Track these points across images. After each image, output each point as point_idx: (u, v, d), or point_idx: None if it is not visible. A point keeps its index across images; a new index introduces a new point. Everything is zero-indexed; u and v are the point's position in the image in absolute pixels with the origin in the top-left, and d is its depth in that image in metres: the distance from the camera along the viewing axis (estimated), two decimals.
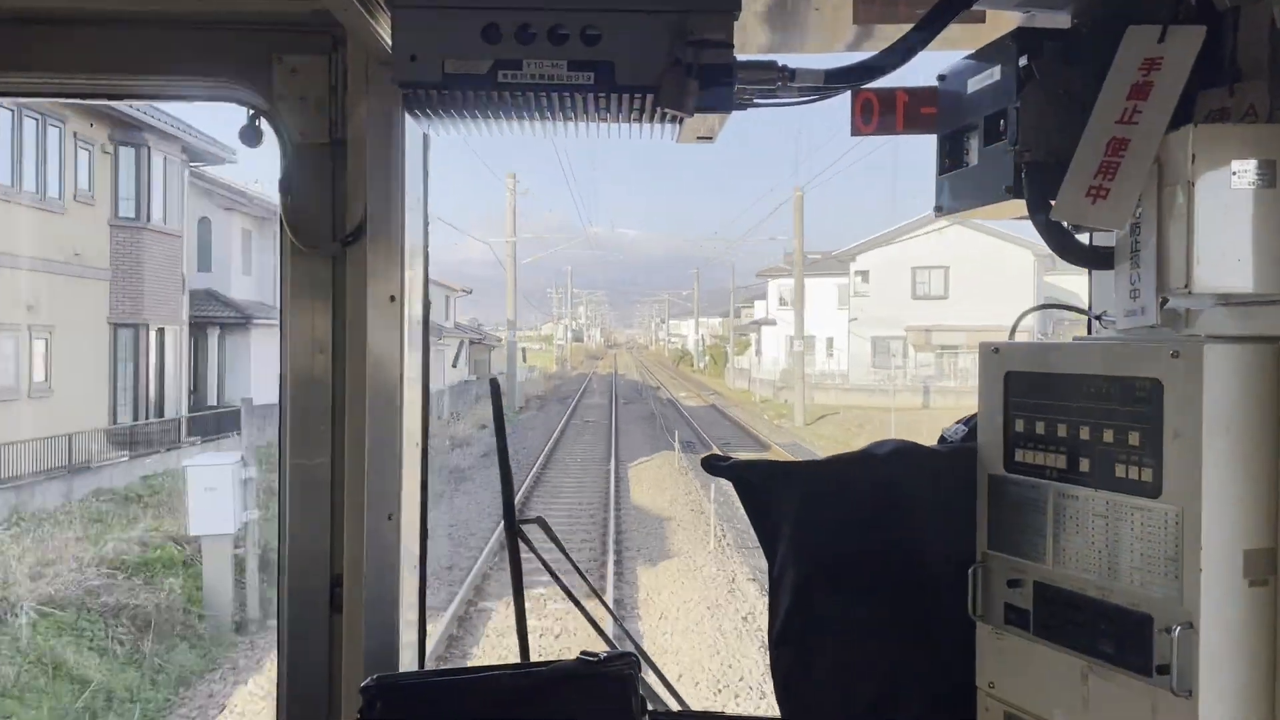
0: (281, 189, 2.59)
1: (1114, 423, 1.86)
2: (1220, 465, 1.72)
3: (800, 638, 2.26)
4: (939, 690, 2.24)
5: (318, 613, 2.60)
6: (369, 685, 2.21)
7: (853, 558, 2.24)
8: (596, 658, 2.25)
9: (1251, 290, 1.76)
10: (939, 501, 2.20)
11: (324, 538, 2.60)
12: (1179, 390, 1.74)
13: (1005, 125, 2.06)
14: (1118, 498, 1.85)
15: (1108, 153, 1.84)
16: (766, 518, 2.29)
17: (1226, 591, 1.73)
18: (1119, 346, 1.89)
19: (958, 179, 2.29)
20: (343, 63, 2.54)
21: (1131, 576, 1.83)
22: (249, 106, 2.61)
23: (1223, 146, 1.73)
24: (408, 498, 2.60)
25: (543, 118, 2.19)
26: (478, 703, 2.20)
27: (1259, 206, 1.73)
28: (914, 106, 2.39)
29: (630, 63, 2.06)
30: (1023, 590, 2.05)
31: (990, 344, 2.15)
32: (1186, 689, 1.72)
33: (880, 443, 2.29)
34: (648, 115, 2.17)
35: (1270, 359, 1.75)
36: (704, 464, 2.34)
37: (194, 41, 2.57)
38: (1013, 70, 2.04)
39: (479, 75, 2.06)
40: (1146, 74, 1.83)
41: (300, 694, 2.62)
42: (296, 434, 2.62)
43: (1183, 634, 1.72)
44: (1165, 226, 1.79)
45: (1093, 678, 1.90)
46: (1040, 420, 2.02)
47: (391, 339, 2.55)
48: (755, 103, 2.23)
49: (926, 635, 2.23)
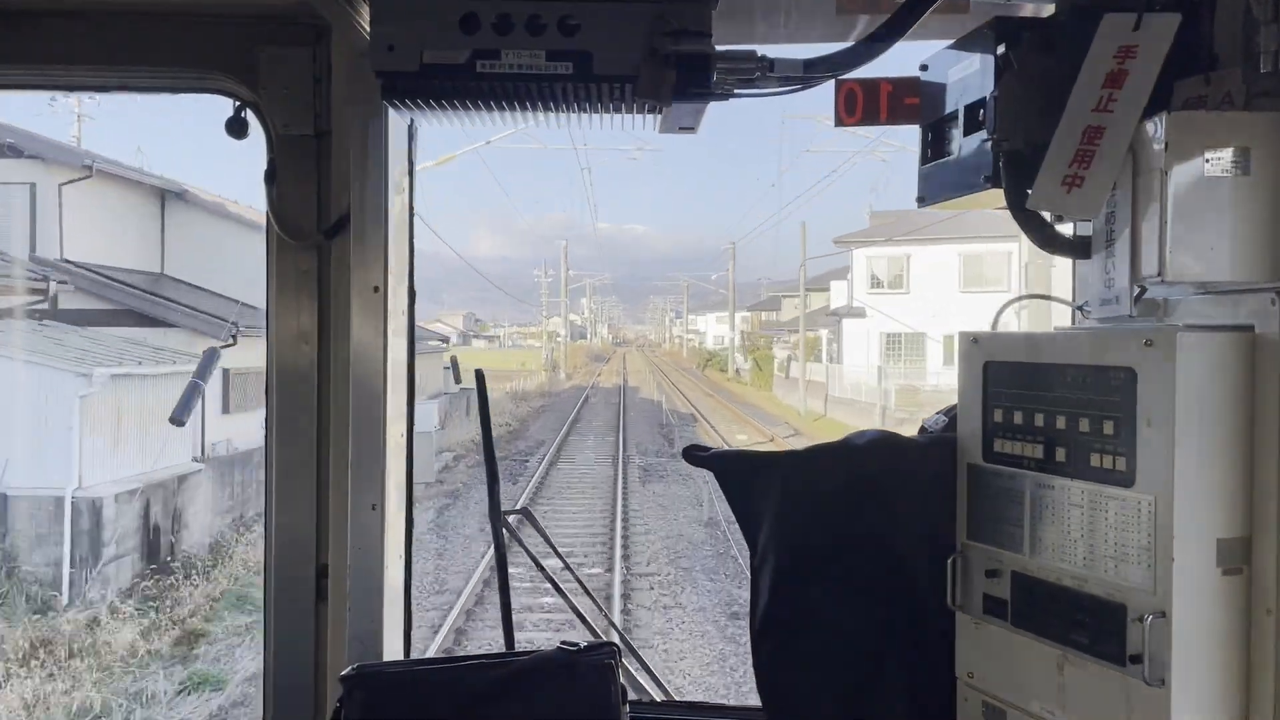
0: (266, 181, 2.60)
1: (1090, 412, 1.85)
2: (1194, 454, 1.71)
3: (781, 627, 2.26)
4: (918, 680, 2.23)
5: (304, 602, 2.62)
6: (349, 674, 2.22)
7: (833, 548, 2.24)
8: (576, 647, 2.25)
9: (1227, 278, 1.75)
10: (919, 492, 2.20)
11: (310, 528, 2.61)
12: (1153, 379, 1.73)
13: (984, 115, 2.06)
14: (1093, 487, 1.85)
15: (1083, 141, 1.83)
16: (747, 508, 2.30)
17: (1199, 581, 1.72)
18: (1094, 336, 1.88)
19: (939, 169, 2.28)
20: (326, 54, 2.55)
21: (1106, 566, 1.82)
22: (234, 98, 2.62)
23: (1196, 134, 1.72)
24: (392, 488, 2.61)
25: (522, 108, 2.19)
26: (457, 692, 2.21)
27: (1233, 194, 1.72)
28: (898, 97, 2.39)
29: (608, 53, 2.07)
30: (1001, 580, 2.05)
31: (970, 334, 2.15)
32: (1159, 678, 1.72)
33: (860, 433, 2.29)
34: (627, 105, 2.17)
35: (1245, 348, 1.74)
36: (685, 455, 2.35)
37: (179, 33, 2.58)
38: (991, 59, 2.04)
39: (457, 65, 2.07)
40: (1121, 62, 1.82)
41: (286, 683, 2.63)
42: (282, 425, 2.63)
43: (1155, 624, 1.71)
44: (1139, 215, 1.79)
45: (1068, 667, 1.90)
46: (1019, 410, 2.01)
47: (375, 330, 2.56)
48: (735, 93, 2.23)
49: (906, 625, 2.23)
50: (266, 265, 2.66)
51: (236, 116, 2.62)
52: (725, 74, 2.18)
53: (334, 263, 2.58)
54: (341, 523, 2.56)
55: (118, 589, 14.48)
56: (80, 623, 12.84)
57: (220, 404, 18.99)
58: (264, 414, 2.67)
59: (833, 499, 2.23)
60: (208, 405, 18.04)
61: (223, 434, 18.78)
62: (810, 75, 2.24)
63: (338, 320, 2.56)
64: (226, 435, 18.83)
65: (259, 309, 2.68)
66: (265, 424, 2.67)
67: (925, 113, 2.34)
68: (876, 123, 2.42)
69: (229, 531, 17.50)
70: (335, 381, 2.57)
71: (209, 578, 15.03)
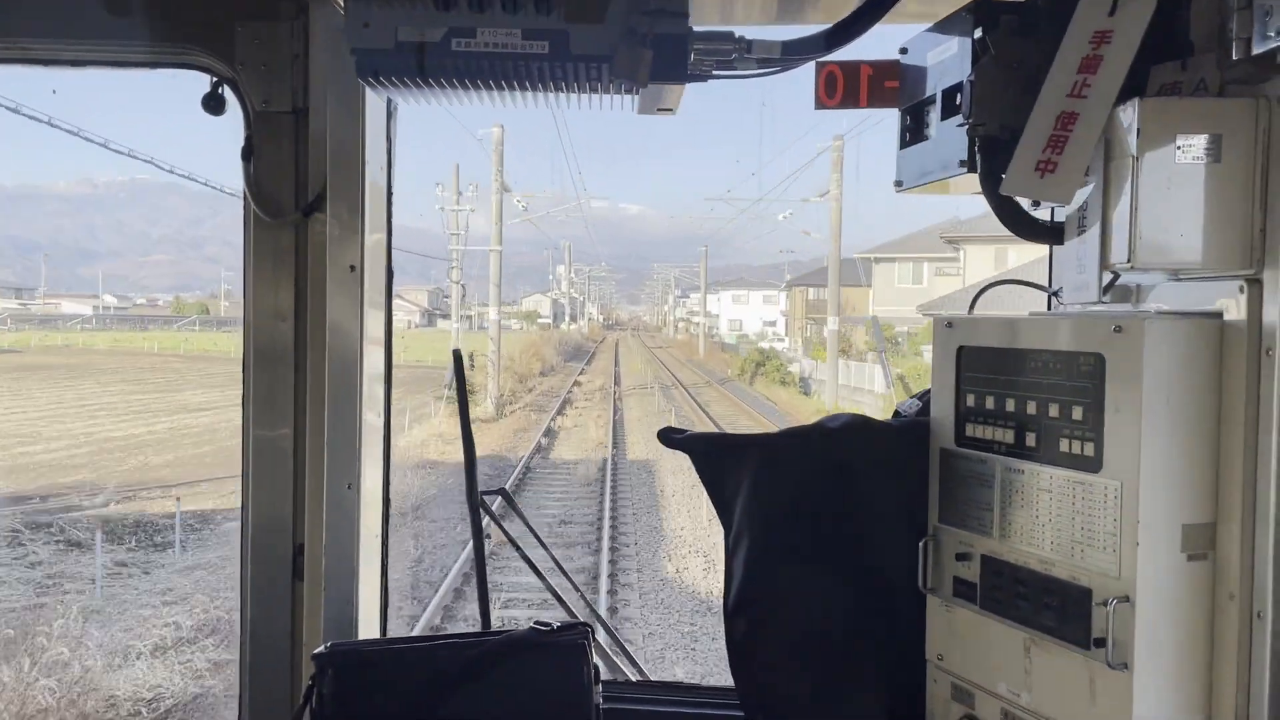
0: (244, 158, 2.58)
1: (1059, 398, 1.86)
2: (1160, 440, 1.72)
3: (753, 609, 2.27)
4: (890, 661, 2.25)
5: (280, 580, 2.62)
6: (321, 652, 2.23)
7: (805, 530, 2.25)
8: (549, 627, 2.26)
9: (1197, 265, 1.76)
10: (891, 475, 2.21)
11: (286, 506, 2.61)
12: (1120, 365, 1.74)
13: (960, 99, 2.05)
14: (1061, 472, 1.86)
15: (1057, 126, 1.83)
16: (721, 490, 2.30)
17: (1164, 566, 1.73)
18: (1064, 321, 1.89)
19: (916, 153, 2.28)
20: (305, 30, 2.53)
21: (1073, 551, 1.84)
22: (212, 74, 2.60)
23: (1169, 120, 1.72)
24: (369, 467, 2.61)
25: (497, 87, 2.18)
26: (429, 671, 2.22)
27: (1204, 181, 1.72)
28: (878, 80, 2.38)
29: (585, 32, 2.06)
30: (971, 564, 2.06)
31: (944, 318, 2.15)
32: (1122, 662, 1.73)
33: (833, 416, 2.30)
34: (603, 85, 2.16)
35: (1213, 334, 1.75)
36: (659, 436, 2.35)
37: (156, 7, 2.55)
38: (969, 43, 2.03)
39: (432, 43, 2.06)
40: (1096, 47, 1.81)
41: (262, 661, 2.64)
42: (259, 403, 2.63)
43: (1119, 608, 1.73)
44: (1111, 201, 1.79)
45: (1035, 650, 1.92)
46: (990, 395, 2.02)
47: (351, 308, 2.55)
48: (713, 74, 2.22)
49: (878, 608, 2.25)
50: (244, 242, 2.64)
51: (214, 92, 2.60)
52: (703, 55, 2.17)
53: (310, 241, 2.57)
54: (318, 502, 2.56)
55: None
56: None
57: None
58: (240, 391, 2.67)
59: (806, 482, 2.24)
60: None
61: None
62: (789, 57, 2.23)
63: (314, 299, 2.56)
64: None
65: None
66: (242, 402, 2.66)
67: (905, 96, 2.33)
68: (857, 105, 2.41)
69: None
70: (312, 361, 2.57)
71: None
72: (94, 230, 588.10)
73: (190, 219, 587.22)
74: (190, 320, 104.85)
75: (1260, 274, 1.71)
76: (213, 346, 66.51)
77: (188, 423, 30.39)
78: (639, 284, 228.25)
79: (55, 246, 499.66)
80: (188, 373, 47.76)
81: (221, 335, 78.40)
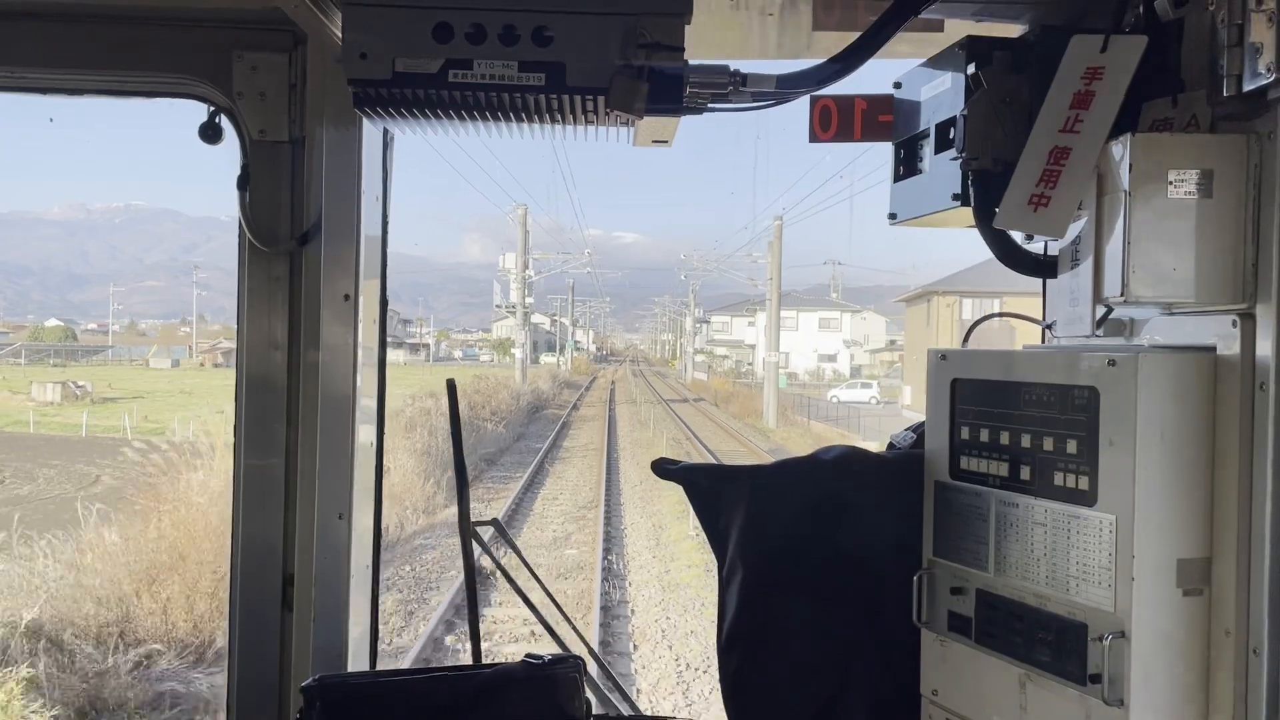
0: (240, 187, 2.58)
1: (1054, 431, 1.86)
2: (1154, 474, 1.72)
3: (747, 641, 2.26)
4: (884, 696, 2.23)
5: (270, 611, 2.59)
6: (310, 685, 2.20)
7: (800, 563, 2.23)
8: (541, 660, 2.24)
9: (1191, 299, 1.76)
10: (886, 508, 2.20)
11: (277, 536, 2.59)
12: (1115, 399, 1.74)
13: (954, 133, 2.07)
14: (1056, 506, 1.85)
15: (1050, 161, 1.84)
16: (715, 522, 2.29)
17: (1159, 601, 1.73)
18: (1059, 355, 1.89)
19: (910, 187, 2.29)
20: (302, 61, 2.54)
21: (1069, 585, 1.83)
22: (209, 103, 2.60)
23: (1160, 156, 1.74)
24: (360, 498, 2.60)
25: (494, 118, 2.18)
26: (419, 705, 2.19)
27: (1196, 216, 1.73)
28: (871, 114, 2.40)
29: (581, 64, 2.06)
30: (965, 598, 2.05)
31: (938, 351, 2.15)
32: (1118, 699, 1.72)
33: (827, 448, 2.29)
34: (599, 117, 2.17)
35: (1206, 369, 1.75)
36: (653, 467, 2.34)
37: (155, 37, 2.56)
38: (962, 78, 2.05)
39: (429, 74, 2.06)
40: (1089, 83, 1.83)
41: (250, 692, 2.60)
42: (251, 432, 2.61)
43: (1114, 643, 1.72)
44: (1104, 236, 1.80)
45: (1030, 686, 1.90)
46: (985, 428, 2.02)
47: (345, 338, 2.55)
48: (708, 107, 2.23)
49: (872, 641, 2.23)
50: (238, 271, 2.64)
51: (210, 122, 2.61)
52: (698, 88, 2.18)
53: (306, 270, 2.56)
54: (308, 532, 2.54)
55: None
56: None
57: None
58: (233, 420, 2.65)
59: (800, 514, 2.23)
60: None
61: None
62: (784, 90, 2.25)
63: (308, 328, 2.55)
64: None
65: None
66: (234, 431, 2.65)
67: (898, 130, 2.35)
68: (851, 139, 2.43)
69: None
70: (305, 390, 2.56)
71: None
72: (86, 255, 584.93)
73: (185, 245, 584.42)
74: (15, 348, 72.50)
75: (1253, 308, 1.72)
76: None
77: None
78: (631, 311, 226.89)
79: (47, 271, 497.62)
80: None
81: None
